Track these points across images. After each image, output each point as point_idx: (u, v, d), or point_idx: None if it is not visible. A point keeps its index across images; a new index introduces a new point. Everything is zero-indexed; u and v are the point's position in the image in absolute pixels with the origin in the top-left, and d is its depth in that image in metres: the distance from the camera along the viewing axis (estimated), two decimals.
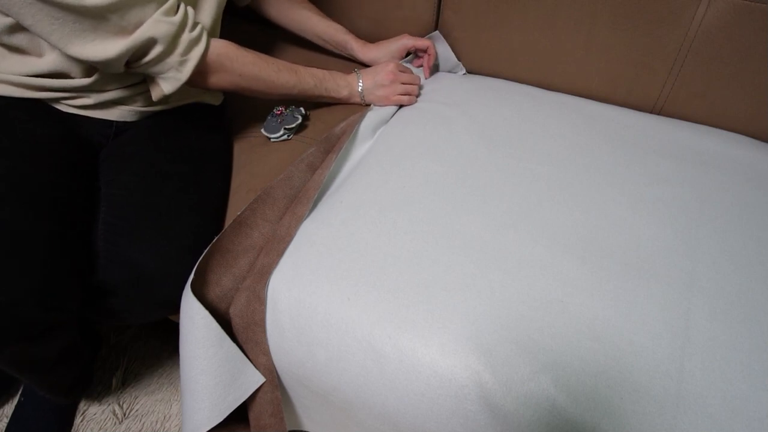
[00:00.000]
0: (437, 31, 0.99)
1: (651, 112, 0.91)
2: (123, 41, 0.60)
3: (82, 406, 0.93)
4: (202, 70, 0.68)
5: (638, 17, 0.82)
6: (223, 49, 0.70)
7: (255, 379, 0.63)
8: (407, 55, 0.96)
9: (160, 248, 0.66)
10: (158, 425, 0.91)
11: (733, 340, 0.56)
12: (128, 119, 0.75)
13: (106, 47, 0.60)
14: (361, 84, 0.86)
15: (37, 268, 0.58)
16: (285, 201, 0.72)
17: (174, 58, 0.64)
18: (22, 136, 0.66)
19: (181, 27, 0.63)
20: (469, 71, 1.02)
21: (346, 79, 0.86)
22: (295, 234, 0.67)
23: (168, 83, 0.67)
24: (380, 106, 0.88)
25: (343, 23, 0.97)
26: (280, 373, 0.65)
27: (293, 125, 0.84)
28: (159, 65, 0.64)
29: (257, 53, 0.75)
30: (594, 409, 0.52)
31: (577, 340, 0.56)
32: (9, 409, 0.91)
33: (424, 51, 0.95)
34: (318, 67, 0.83)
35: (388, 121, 0.87)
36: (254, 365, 0.63)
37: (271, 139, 0.84)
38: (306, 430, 0.75)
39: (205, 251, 0.64)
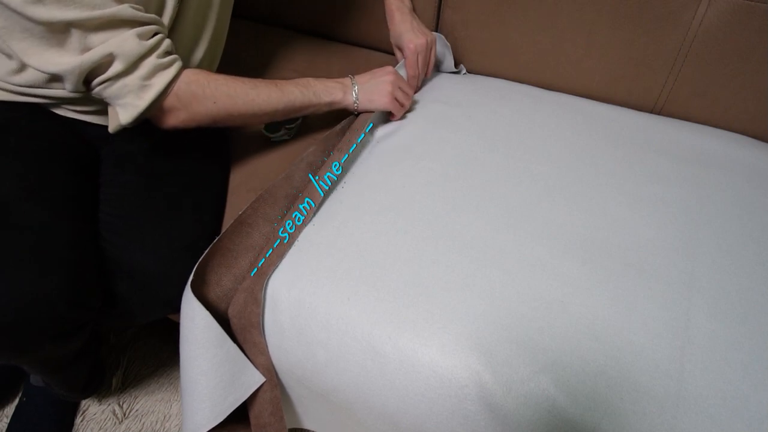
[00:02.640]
0: (437, 32, 0.99)
1: (651, 112, 0.91)
2: (80, 55, 0.57)
3: (82, 406, 0.93)
4: (171, 105, 0.63)
5: (638, 17, 0.82)
6: (193, 76, 0.64)
7: (255, 379, 0.63)
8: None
9: (159, 248, 0.66)
10: (158, 425, 0.91)
11: (733, 340, 0.56)
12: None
13: (64, 59, 0.57)
14: (354, 82, 0.78)
15: (64, 267, 0.59)
16: (285, 201, 0.72)
17: (133, 80, 0.59)
18: (27, 135, 0.67)
19: (150, 50, 0.59)
20: (470, 71, 1.02)
21: (336, 80, 0.78)
22: (296, 235, 0.67)
23: (125, 111, 0.61)
24: (372, 110, 0.81)
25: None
26: (280, 373, 0.65)
27: (293, 125, 0.84)
28: (117, 86, 0.59)
29: (228, 76, 0.68)
30: (594, 409, 0.52)
31: (577, 340, 0.56)
32: (10, 409, 0.91)
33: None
34: (319, 73, 0.79)
35: (388, 118, 0.87)
36: (253, 365, 0.63)
37: (272, 139, 0.84)
38: (306, 428, 0.75)
39: (207, 251, 0.64)
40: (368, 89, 0.79)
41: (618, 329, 0.57)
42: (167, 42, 0.62)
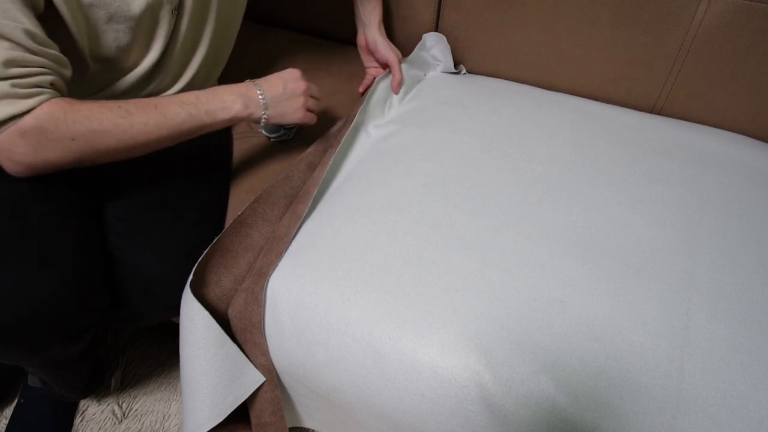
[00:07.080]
0: (437, 32, 0.99)
1: (651, 112, 0.91)
2: None
3: (81, 406, 0.93)
4: (12, 145, 0.53)
5: (638, 17, 0.82)
6: (46, 109, 0.53)
7: (255, 378, 0.63)
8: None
9: (162, 251, 0.66)
10: (158, 425, 0.91)
11: (733, 340, 0.56)
12: None
13: None
14: (261, 92, 0.67)
15: (75, 268, 0.58)
16: (285, 201, 0.72)
17: None
18: None
19: (6, 77, 0.50)
20: (469, 71, 1.02)
21: (234, 90, 0.66)
22: (294, 233, 0.67)
23: None
24: (280, 123, 0.75)
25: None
26: (280, 373, 0.65)
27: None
28: None
29: (98, 101, 0.57)
30: (594, 409, 0.52)
31: (577, 340, 0.56)
32: (9, 411, 0.91)
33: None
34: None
35: (386, 113, 0.86)
36: (254, 365, 0.63)
37: (271, 139, 0.84)
38: (306, 427, 0.75)
39: (206, 251, 0.64)
40: (279, 103, 0.69)
41: (618, 329, 0.57)
42: (42, 76, 0.53)
